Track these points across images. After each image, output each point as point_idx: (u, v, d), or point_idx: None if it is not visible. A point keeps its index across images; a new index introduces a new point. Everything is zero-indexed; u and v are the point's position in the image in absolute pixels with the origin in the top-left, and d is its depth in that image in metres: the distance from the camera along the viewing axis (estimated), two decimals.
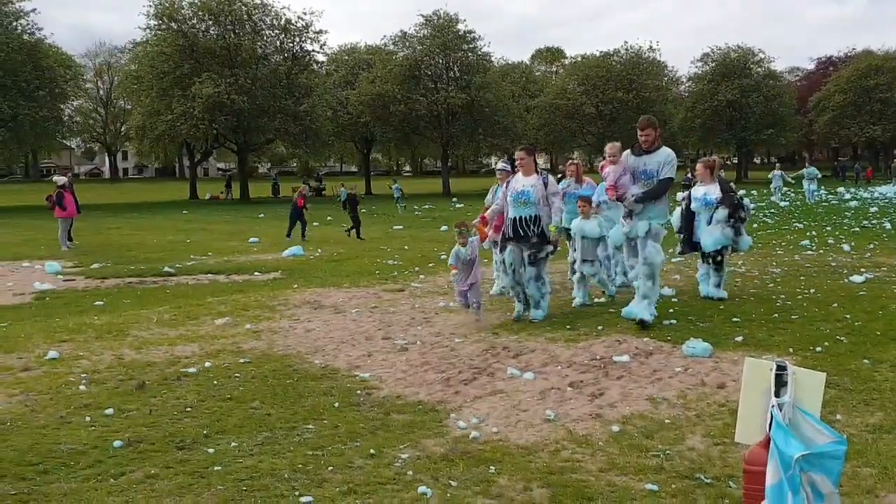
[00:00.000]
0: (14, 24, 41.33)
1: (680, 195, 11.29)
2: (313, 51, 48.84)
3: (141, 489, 4.24)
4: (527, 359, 6.97)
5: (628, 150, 8.35)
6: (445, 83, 52.64)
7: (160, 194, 53.64)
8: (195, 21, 45.10)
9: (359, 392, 6.07)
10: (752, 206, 9.67)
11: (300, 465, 4.54)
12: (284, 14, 46.76)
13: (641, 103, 55.65)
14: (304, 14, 49.06)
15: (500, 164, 10.45)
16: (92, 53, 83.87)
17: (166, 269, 14.41)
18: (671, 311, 8.99)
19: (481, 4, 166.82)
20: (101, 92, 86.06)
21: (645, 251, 8.13)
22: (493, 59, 57.45)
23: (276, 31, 47.05)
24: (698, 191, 9.98)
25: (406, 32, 54.82)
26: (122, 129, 77.97)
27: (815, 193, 31.83)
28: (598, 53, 61.09)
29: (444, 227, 23.37)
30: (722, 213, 9.64)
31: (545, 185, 8.46)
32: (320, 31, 48.44)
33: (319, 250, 17.62)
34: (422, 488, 4.17)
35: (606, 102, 56.76)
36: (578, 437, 5.01)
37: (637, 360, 6.85)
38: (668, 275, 11.62)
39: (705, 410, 5.48)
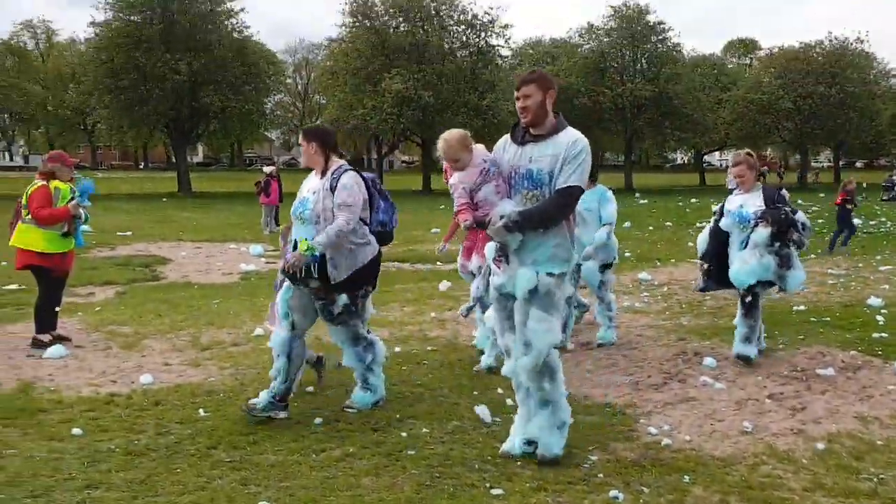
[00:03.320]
0: (226, 22, 44.60)
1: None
2: (498, 45, 49.19)
3: (340, 467, 4.47)
4: (721, 366, 6.68)
5: (505, 138, 4.72)
6: (632, 75, 51.64)
7: None
8: (387, 18, 46.73)
9: None
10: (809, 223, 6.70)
11: (489, 457, 4.61)
12: (471, 9, 47.43)
13: (846, 98, 51.41)
14: (491, 9, 49.48)
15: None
16: (291, 49, 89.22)
17: None
18: (881, 321, 8.29)
19: None
20: (300, 87, 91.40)
21: (526, 328, 4.48)
22: (682, 50, 55.50)
23: (463, 26, 47.71)
24: (733, 202, 6.93)
25: (592, 24, 54.17)
26: (318, 121, 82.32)
27: None
28: (797, 45, 56.90)
29: (627, 224, 22.20)
30: (762, 233, 6.52)
31: (332, 189, 5.21)
32: (506, 26, 48.44)
33: None
34: (613, 492, 4.11)
35: (805, 97, 52.80)
36: (779, 452, 4.74)
37: (843, 374, 6.39)
38: (877, 284, 10.72)
39: None
